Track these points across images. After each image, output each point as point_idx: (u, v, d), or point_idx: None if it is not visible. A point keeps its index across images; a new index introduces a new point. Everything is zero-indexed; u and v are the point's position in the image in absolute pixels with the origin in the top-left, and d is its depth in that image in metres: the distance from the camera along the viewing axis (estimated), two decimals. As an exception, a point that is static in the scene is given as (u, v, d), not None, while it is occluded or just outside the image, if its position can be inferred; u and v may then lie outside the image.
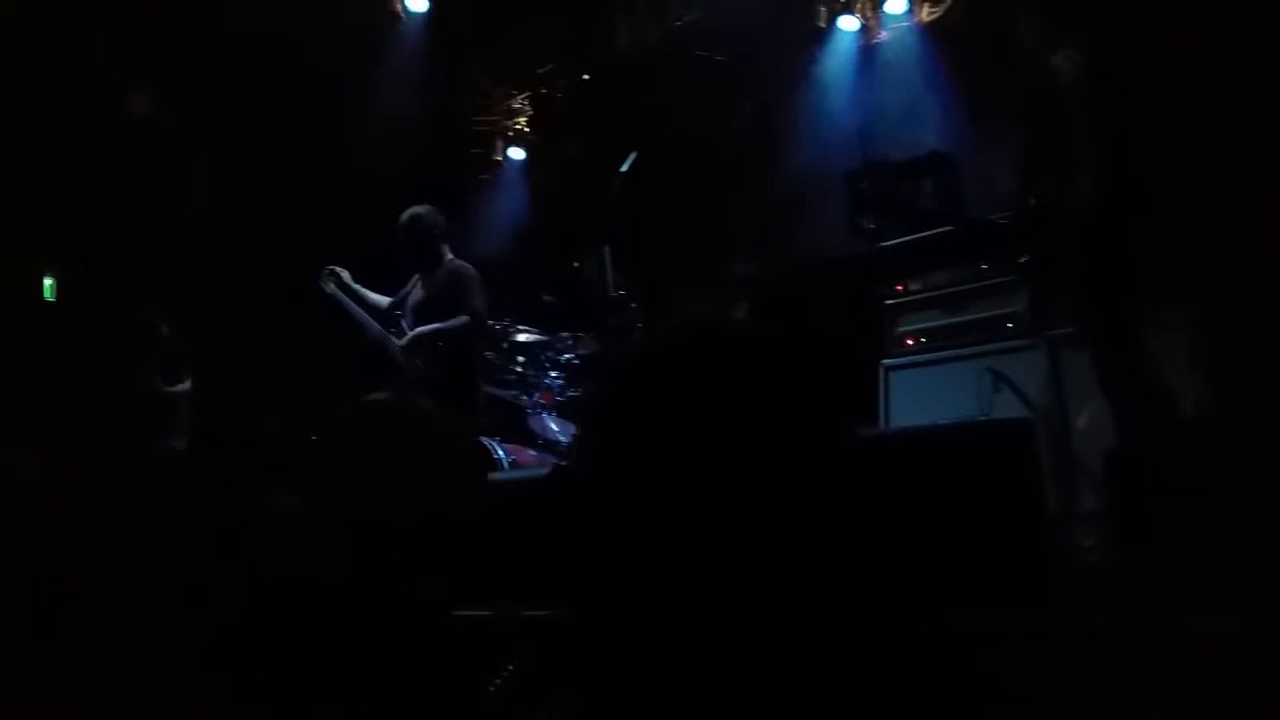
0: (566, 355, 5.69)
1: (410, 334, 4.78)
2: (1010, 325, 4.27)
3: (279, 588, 1.12)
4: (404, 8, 6.62)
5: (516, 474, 4.23)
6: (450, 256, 4.91)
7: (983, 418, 4.01)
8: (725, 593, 0.78)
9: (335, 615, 1.13)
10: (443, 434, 1.29)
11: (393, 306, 4.97)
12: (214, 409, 5.04)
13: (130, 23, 5.45)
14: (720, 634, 0.78)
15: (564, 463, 4.97)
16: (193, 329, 5.16)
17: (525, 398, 5.59)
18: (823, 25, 5.96)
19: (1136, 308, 3.02)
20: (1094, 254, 3.03)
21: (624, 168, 3.72)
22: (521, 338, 5.70)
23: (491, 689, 1.54)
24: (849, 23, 5.93)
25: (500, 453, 4.83)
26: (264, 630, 1.08)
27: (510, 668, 1.78)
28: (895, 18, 5.83)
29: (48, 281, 5.54)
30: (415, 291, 4.92)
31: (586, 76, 6.94)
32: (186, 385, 4.99)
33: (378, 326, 4.91)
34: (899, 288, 4.49)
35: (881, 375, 4.37)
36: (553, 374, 5.64)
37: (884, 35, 5.90)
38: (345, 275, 4.98)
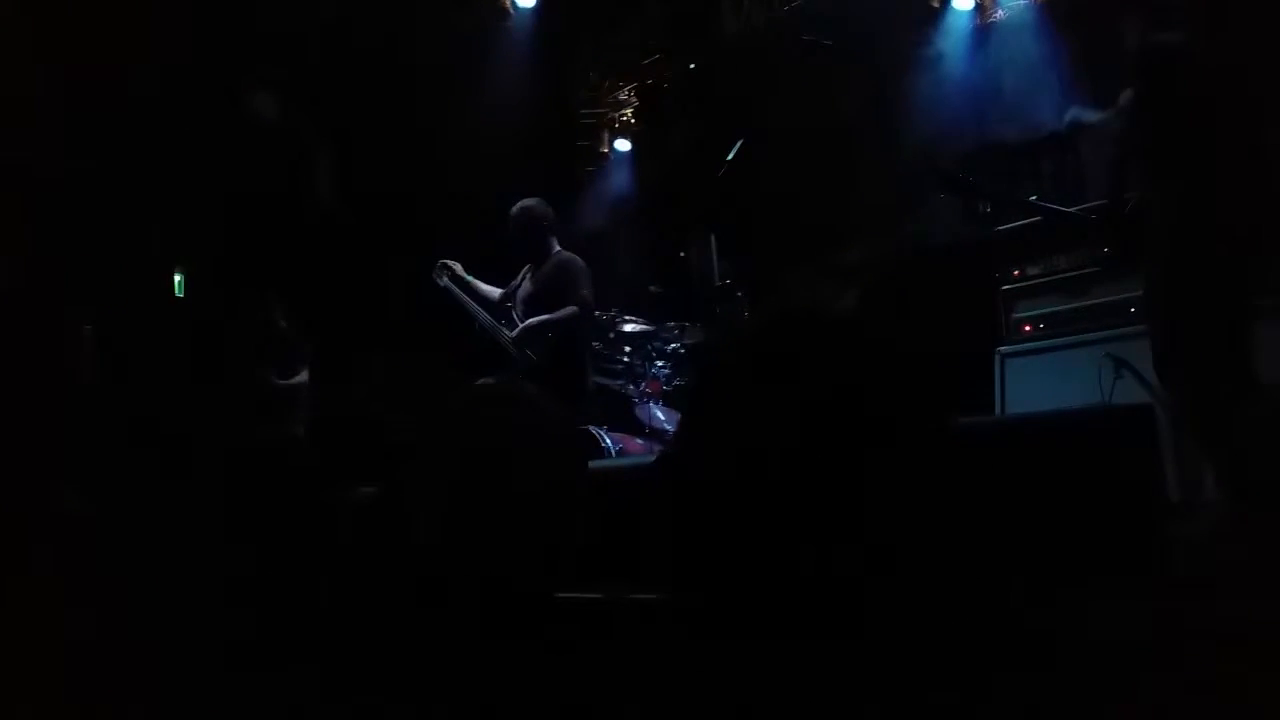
0: (673, 345, 5.71)
1: (520, 325, 4.87)
2: (1132, 310, 4.11)
3: (391, 572, 1.16)
4: (513, 3, 6.75)
5: (623, 460, 4.28)
6: (558, 248, 4.99)
7: (1102, 404, 3.87)
8: (820, 576, 0.78)
9: (445, 598, 1.16)
10: (548, 418, 1.30)
11: (504, 298, 5.08)
12: (331, 398, 5.23)
13: (252, 18, 5.68)
14: (815, 620, 0.78)
15: (669, 449, 5.02)
16: (311, 323, 5.36)
17: (632, 387, 5.64)
18: (936, 5, 5.82)
19: (1224, 308, 2.90)
20: (1182, 256, 2.91)
21: (730, 156, 3.70)
22: (628, 327, 5.75)
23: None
24: (964, 2, 5.78)
25: (607, 441, 4.89)
26: (378, 613, 1.12)
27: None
28: (1011, -3, 5.65)
29: (178, 278, 5.83)
30: (525, 283, 5.01)
31: (693, 65, 6.93)
32: (304, 377, 5.19)
33: (489, 317, 5.03)
34: (1016, 273, 4.36)
35: (998, 362, 4.26)
36: (659, 363, 5.68)
37: (1000, 14, 5.72)
38: (458, 268, 5.11)
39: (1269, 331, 3.04)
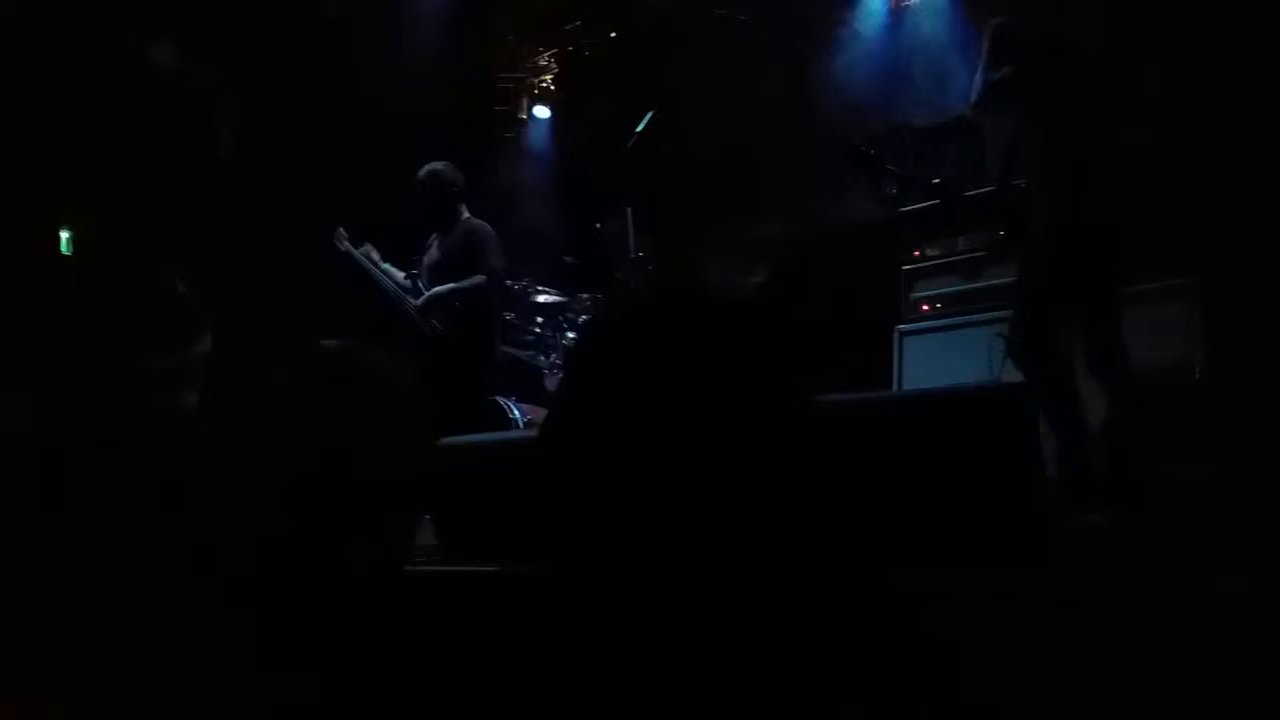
0: (585, 317, 5.72)
1: (426, 293, 4.78)
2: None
3: (232, 544, 1.13)
4: (431, -40, 6.59)
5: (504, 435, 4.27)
6: (468, 215, 4.88)
7: (991, 383, 3.99)
8: (686, 551, 0.79)
9: (284, 571, 1.13)
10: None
11: (410, 271, 4.96)
12: (229, 368, 5.09)
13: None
14: (684, 593, 0.79)
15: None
16: (210, 288, 5.20)
17: (543, 358, 5.63)
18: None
19: (1103, 290, 3.04)
20: (1065, 238, 3.04)
21: (639, 127, 3.69)
22: (541, 298, 5.73)
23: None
24: (880, -16, 5.84)
25: (516, 412, 4.87)
26: (223, 588, 1.10)
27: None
28: (927, -19, 5.73)
29: (64, 235, 5.59)
30: (432, 250, 4.90)
31: (614, 34, 6.87)
32: (205, 346, 5.04)
33: (393, 285, 4.91)
34: (916, 254, 4.47)
35: (897, 340, 4.36)
36: (570, 335, 5.68)
37: (914, -1, 5.81)
38: (374, 251, 4.98)
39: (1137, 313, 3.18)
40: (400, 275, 4.95)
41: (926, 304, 4.39)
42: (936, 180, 4.55)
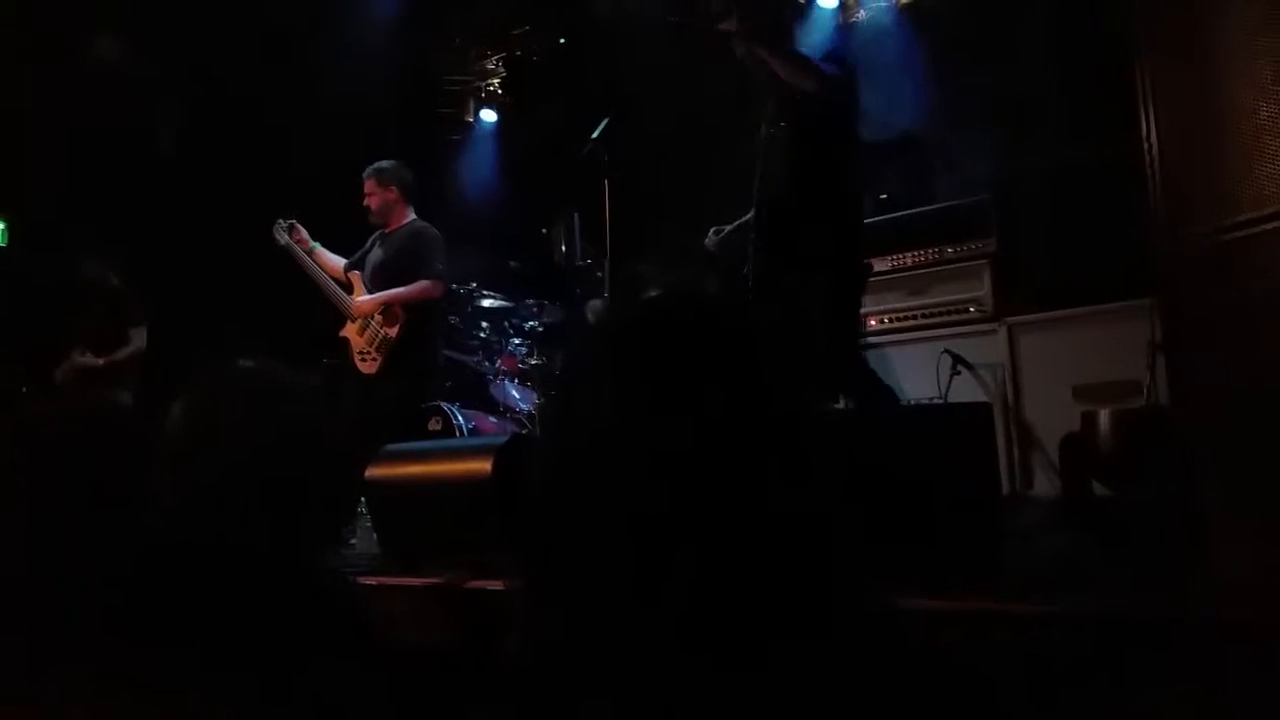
0: (531, 322, 5.65)
1: (367, 296, 4.66)
2: (970, 309, 4.30)
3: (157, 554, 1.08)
4: (378, -41, 6.48)
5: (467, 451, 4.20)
6: (412, 216, 4.79)
7: (939, 399, 4.03)
8: (679, 567, 0.75)
9: (210, 575, 1.09)
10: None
11: (350, 265, 4.84)
12: (162, 367, 4.94)
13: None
14: (672, 611, 0.75)
15: (524, 431, 4.96)
16: (146, 282, 5.04)
17: (488, 364, 5.55)
18: (802, 0, 5.90)
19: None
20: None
21: (595, 133, 3.65)
22: (486, 303, 5.65)
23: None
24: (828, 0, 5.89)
25: (460, 418, 4.79)
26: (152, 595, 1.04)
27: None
28: (874, -2, 5.79)
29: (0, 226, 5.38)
30: (375, 250, 4.79)
31: (562, 40, 6.84)
32: (138, 342, 4.87)
33: (333, 284, 4.79)
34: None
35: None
36: (516, 340, 5.61)
37: (862, 14, 5.86)
38: (303, 230, 4.85)
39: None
40: (335, 258, 4.84)
41: (874, 318, 4.43)
42: (884, 196, 4.59)
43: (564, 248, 5.99)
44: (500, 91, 7.30)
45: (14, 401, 4.78)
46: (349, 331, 4.70)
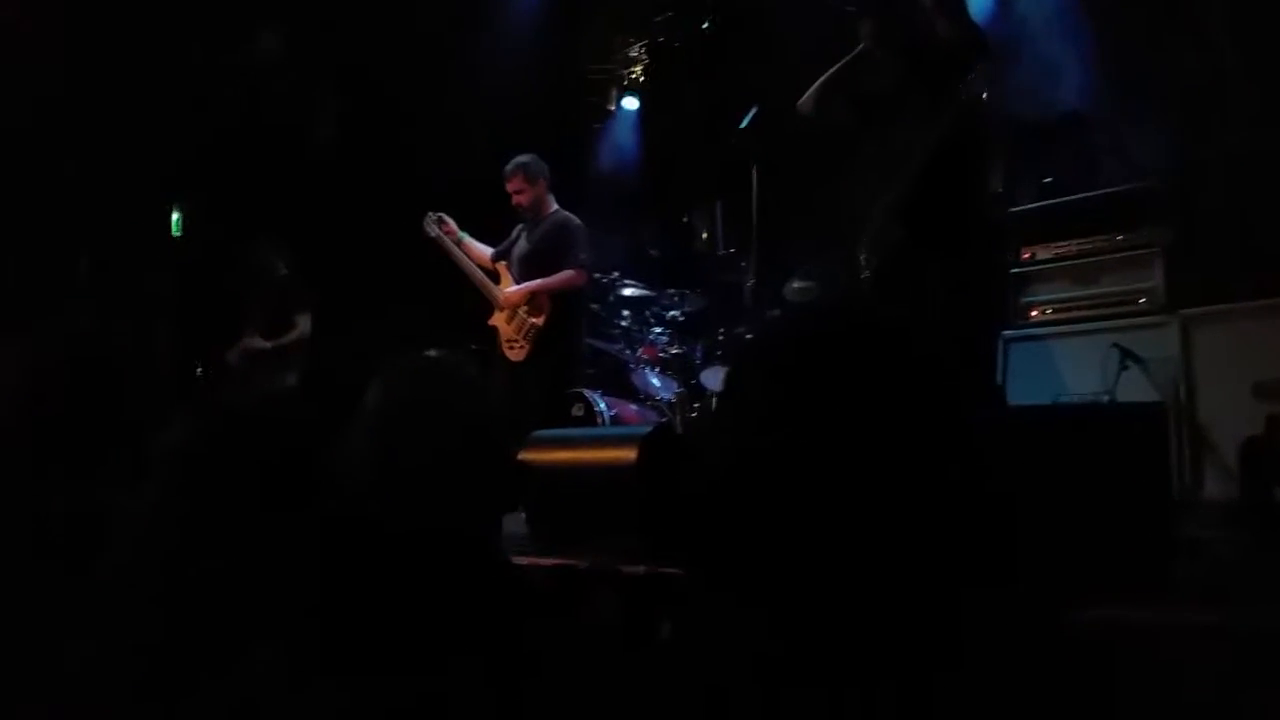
0: (672, 311, 5.65)
1: (515, 287, 4.76)
2: (1142, 300, 4.05)
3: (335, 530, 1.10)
4: (525, -47, 6.58)
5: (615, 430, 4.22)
6: (555, 207, 4.86)
7: (1106, 396, 3.82)
8: (842, 571, 0.73)
9: (384, 560, 1.11)
10: (476, 393, 1.31)
11: (497, 256, 4.96)
12: (327, 351, 5.16)
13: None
14: (833, 615, 0.73)
15: (664, 420, 4.97)
16: (310, 270, 5.27)
17: (629, 352, 5.58)
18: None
19: None
20: None
21: (744, 123, 3.59)
22: (628, 291, 5.68)
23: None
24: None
25: (602, 405, 4.83)
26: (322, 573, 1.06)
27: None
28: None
29: (175, 216, 5.72)
30: (520, 242, 4.89)
31: (705, 25, 6.78)
32: (303, 327, 5.10)
33: (481, 274, 4.92)
34: (1026, 255, 4.29)
35: (1001, 347, 4.19)
36: (657, 329, 5.62)
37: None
38: (451, 222, 4.99)
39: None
40: (482, 248, 4.95)
41: (1036, 309, 4.22)
42: (1048, 179, 4.37)
43: (705, 236, 5.96)
44: (642, 79, 7.30)
45: (192, 382, 5.10)
46: (497, 320, 4.81)
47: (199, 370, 4.95)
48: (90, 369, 1.30)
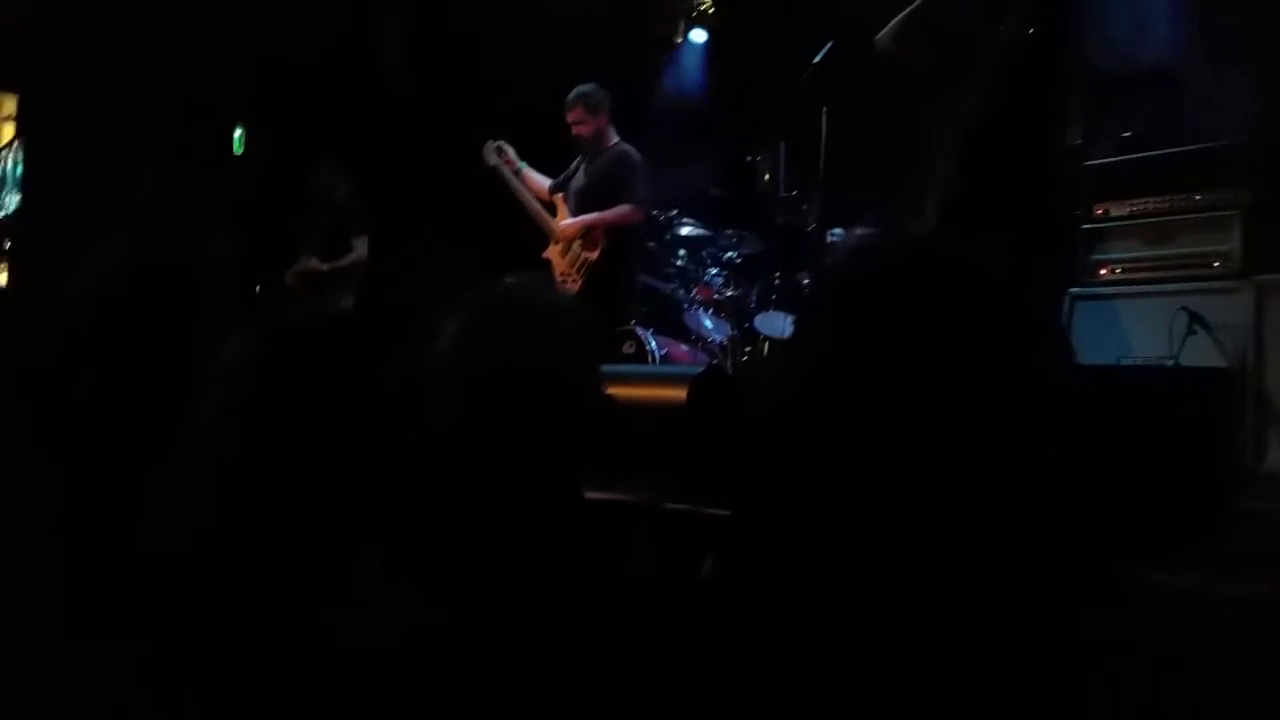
0: (729, 253, 5.59)
1: (570, 220, 4.74)
2: (1215, 264, 3.91)
3: (411, 456, 1.10)
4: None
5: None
6: (616, 139, 4.80)
7: (1170, 361, 3.72)
8: (905, 515, 0.72)
9: (460, 487, 1.11)
10: (575, 326, 1.28)
11: (555, 188, 4.93)
12: (382, 275, 5.20)
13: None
14: (890, 559, 0.72)
15: (715, 361, 4.95)
16: (370, 194, 5.29)
17: (683, 292, 5.55)
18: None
19: None
20: None
21: (817, 59, 3.48)
22: (685, 230, 5.62)
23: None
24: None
25: (653, 344, 4.82)
26: (396, 495, 1.07)
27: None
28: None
29: (237, 133, 5.76)
30: (579, 174, 4.85)
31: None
32: (360, 250, 5.14)
33: (538, 206, 4.90)
34: (1099, 211, 4.16)
35: (1067, 305, 4.09)
36: (713, 270, 5.56)
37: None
38: (510, 151, 4.96)
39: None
40: (541, 179, 4.93)
41: (1105, 268, 4.10)
42: (1127, 134, 4.21)
43: (767, 177, 5.85)
44: (712, 10, 7.12)
45: (251, 300, 5.17)
46: (552, 254, 4.80)
47: (256, 289, 5.02)
48: (177, 275, 1.32)
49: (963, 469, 0.73)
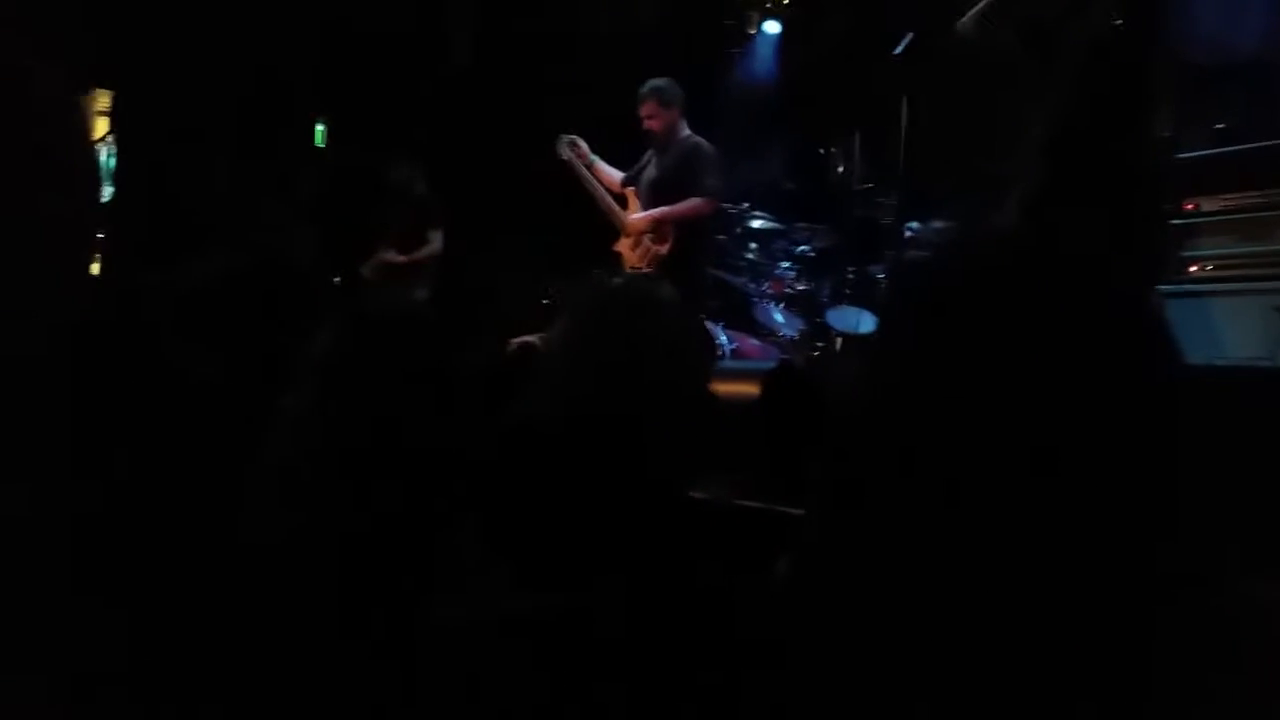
0: (801, 247, 5.54)
1: (641, 213, 4.73)
2: (1317, 262, 3.76)
3: (508, 446, 1.10)
4: None
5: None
6: (687, 132, 4.77)
7: (1266, 362, 3.58)
8: (1010, 523, 0.70)
9: (561, 481, 1.11)
10: (682, 323, 1.25)
11: (627, 181, 4.92)
12: (457, 268, 5.26)
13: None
14: (993, 570, 0.70)
15: (787, 357, 4.90)
16: (445, 188, 5.36)
17: (753, 285, 5.51)
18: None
19: None
20: None
21: (898, 50, 3.42)
22: (756, 224, 5.59)
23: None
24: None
25: (723, 338, 4.80)
26: (494, 485, 1.07)
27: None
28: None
29: (319, 128, 5.88)
30: (650, 167, 4.83)
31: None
32: (436, 244, 5.20)
33: (609, 199, 4.90)
34: (1189, 205, 4.01)
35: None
36: (784, 264, 5.52)
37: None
38: (583, 145, 4.97)
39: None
40: (613, 172, 4.93)
41: (1195, 264, 3.96)
42: (1220, 126, 4.06)
43: (841, 170, 5.78)
44: (786, 2, 7.05)
45: (329, 292, 5.27)
46: (622, 246, 4.80)
47: (335, 280, 5.13)
48: (289, 275, 1.34)
49: (1078, 475, 0.70)
